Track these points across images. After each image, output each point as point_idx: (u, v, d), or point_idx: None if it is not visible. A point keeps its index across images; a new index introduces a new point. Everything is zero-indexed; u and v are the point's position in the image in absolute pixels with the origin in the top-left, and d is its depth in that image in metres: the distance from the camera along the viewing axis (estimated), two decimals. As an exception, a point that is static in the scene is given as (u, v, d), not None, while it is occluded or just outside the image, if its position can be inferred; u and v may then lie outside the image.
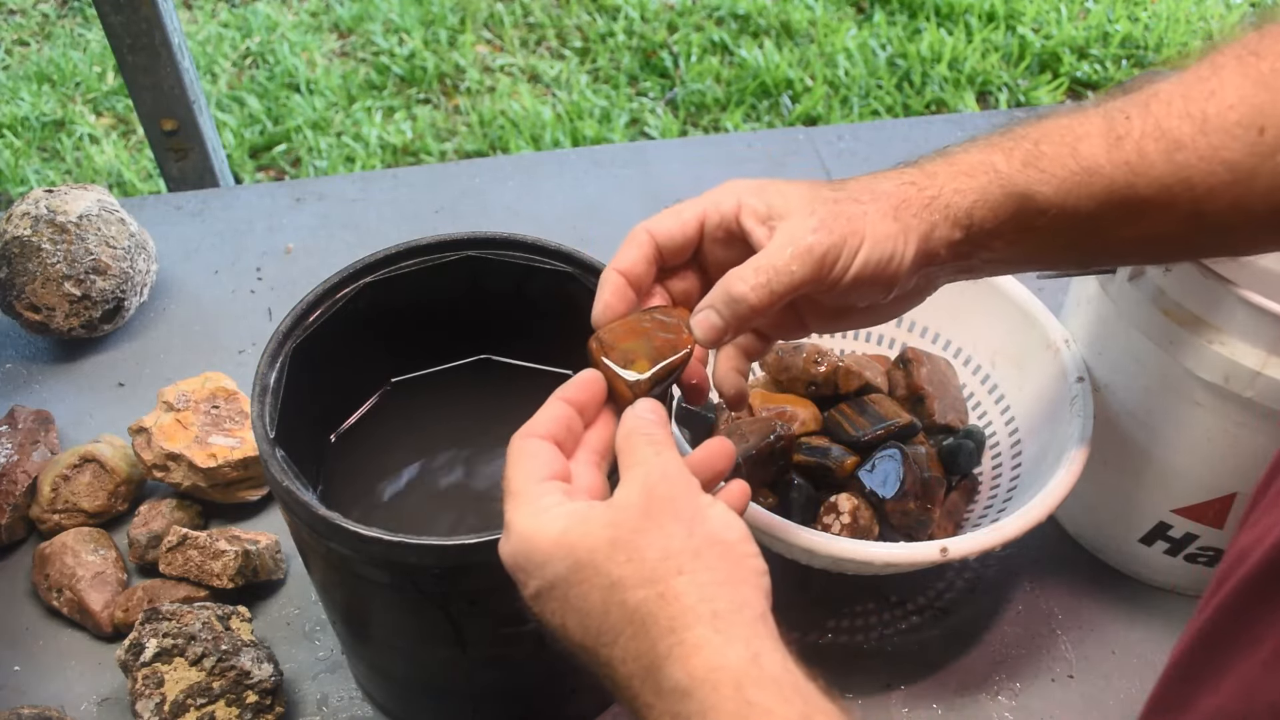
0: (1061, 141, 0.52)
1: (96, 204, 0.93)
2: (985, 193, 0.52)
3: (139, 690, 0.67)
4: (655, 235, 0.53)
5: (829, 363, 0.81)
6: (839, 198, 0.52)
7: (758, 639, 0.41)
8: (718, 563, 0.43)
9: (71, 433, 0.88)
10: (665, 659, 0.40)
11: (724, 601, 0.41)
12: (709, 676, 0.40)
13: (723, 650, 0.40)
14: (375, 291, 0.66)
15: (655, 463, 0.45)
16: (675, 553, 0.42)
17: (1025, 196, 0.52)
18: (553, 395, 0.50)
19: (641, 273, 0.53)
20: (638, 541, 0.43)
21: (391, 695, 0.72)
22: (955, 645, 0.78)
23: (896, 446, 0.76)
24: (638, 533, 0.43)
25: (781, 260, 0.50)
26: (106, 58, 2.00)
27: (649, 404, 0.49)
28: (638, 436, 0.47)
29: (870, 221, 0.51)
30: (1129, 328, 0.70)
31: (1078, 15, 2.13)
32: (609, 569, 0.42)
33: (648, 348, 0.51)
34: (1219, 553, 0.76)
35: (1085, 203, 0.51)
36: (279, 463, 0.56)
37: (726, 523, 0.44)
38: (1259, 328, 0.62)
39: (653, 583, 0.42)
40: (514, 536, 0.45)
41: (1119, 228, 0.53)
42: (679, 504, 0.44)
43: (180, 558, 0.75)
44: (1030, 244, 0.54)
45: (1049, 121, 0.53)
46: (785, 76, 1.95)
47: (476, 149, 1.84)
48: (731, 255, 0.54)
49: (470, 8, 2.12)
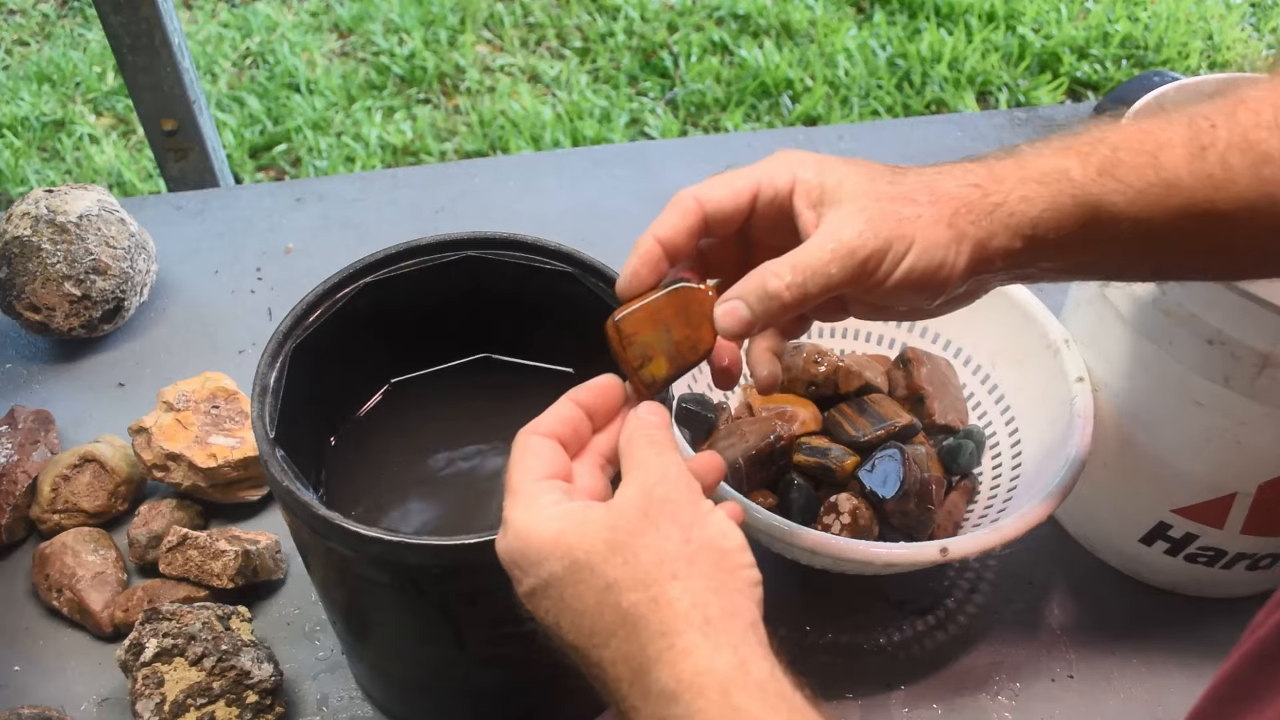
0: (1141, 149, 0.48)
1: (96, 204, 0.93)
2: (1055, 202, 0.48)
3: (139, 690, 0.67)
4: (704, 204, 0.50)
5: (829, 363, 0.81)
6: (895, 195, 0.49)
7: (746, 646, 0.41)
8: (712, 570, 0.43)
9: (71, 433, 0.88)
10: (654, 662, 0.41)
11: (716, 608, 0.41)
12: (696, 680, 0.40)
13: (711, 656, 0.40)
14: (375, 291, 0.66)
15: (655, 464, 0.45)
16: (670, 557, 0.42)
17: (1098, 207, 0.48)
18: (564, 395, 0.50)
19: (681, 244, 0.50)
20: (634, 544, 0.43)
21: (391, 695, 0.72)
22: (955, 645, 0.78)
23: (896, 446, 0.76)
24: (634, 535, 0.43)
25: (821, 261, 0.47)
26: (106, 58, 2.00)
27: (652, 406, 0.49)
28: (640, 438, 0.47)
29: (922, 226, 0.48)
30: (1129, 328, 0.70)
31: (1078, 15, 2.13)
32: (604, 570, 0.42)
33: (667, 343, 0.50)
34: (1219, 553, 0.76)
35: (1160, 215, 0.48)
36: (279, 463, 0.56)
37: (724, 531, 0.44)
38: (1259, 328, 0.62)
39: (646, 586, 0.42)
40: (510, 533, 0.45)
41: (1193, 243, 0.50)
42: (678, 507, 0.44)
43: (180, 558, 0.75)
44: (1093, 255, 0.50)
45: (1129, 126, 0.49)
46: (785, 76, 1.95)
47: (476, 149, 1.84)
48: (778, 233, 0.51)
49: (470, 8, 2.12)
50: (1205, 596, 0.81)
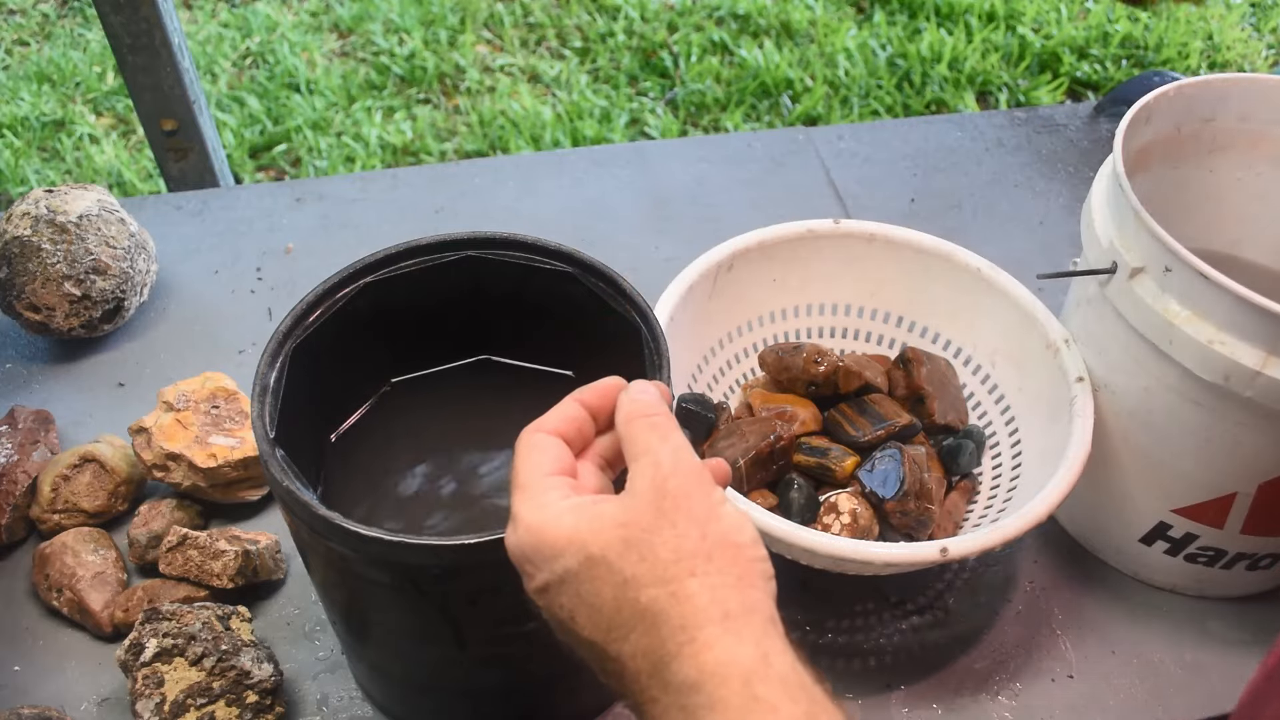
0: None
1: (96, 204, 0.93)
2: None
3: (139, 690, 0.67)
4: None
5: (829, 363, 0.81)
6: None
7: (767, 639, 0.41)
8: (729, 566, 0.43)
9: (71, 433, 0.88)
10: (675, 656, 0.41)
11: (735, 604, 0.42)
12: (718, 671, 0.40)
13: (733, 648, 0.40)
14: (375, 291, 0.66)
15: (664, 451, 0.45)
16: (688, 554, 0.42)
17: None
18: (569, 396, 0.49)
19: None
20: (651, 540, 0.43)
21: (391, 695, 0.72)
22: (955, 645, 0.78)
23: (896, 446, 0.76)
24: (650, 531, 0.43)
25: None
26: (106, 58, 2.00)
27: (643, 385, 0.48)
28: (639, 421, 0.46)
29: None
30: (1129, 328, 0.70)
31: (1078, 15, 2.13)
32: (621, 566, 0.42)
33: None
34: (1219, 553, 0.76)
35: None
36: (279, 463, 0.56)
37: (738, 525, 0.44)
38: (1259, 328, 0.62)
39: (665, 582, 0.42)
40: (521, 528, 0.45)
41: None
42: (693, 502, 0.44)
43: (180, 558, 0.75)
44: None
45: None
46: (785, 76, 1.95)
47: (476, 149, 1.85)
48: None
49: (470, 8, 2.12)
50: (1205, 596, 0.81)
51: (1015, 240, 1.07)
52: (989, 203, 1.12)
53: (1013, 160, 1.17)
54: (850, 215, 1.10)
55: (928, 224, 0.89)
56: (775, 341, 0.88)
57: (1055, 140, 1.20)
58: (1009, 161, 1.17)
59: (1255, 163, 0.81)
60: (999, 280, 0.82)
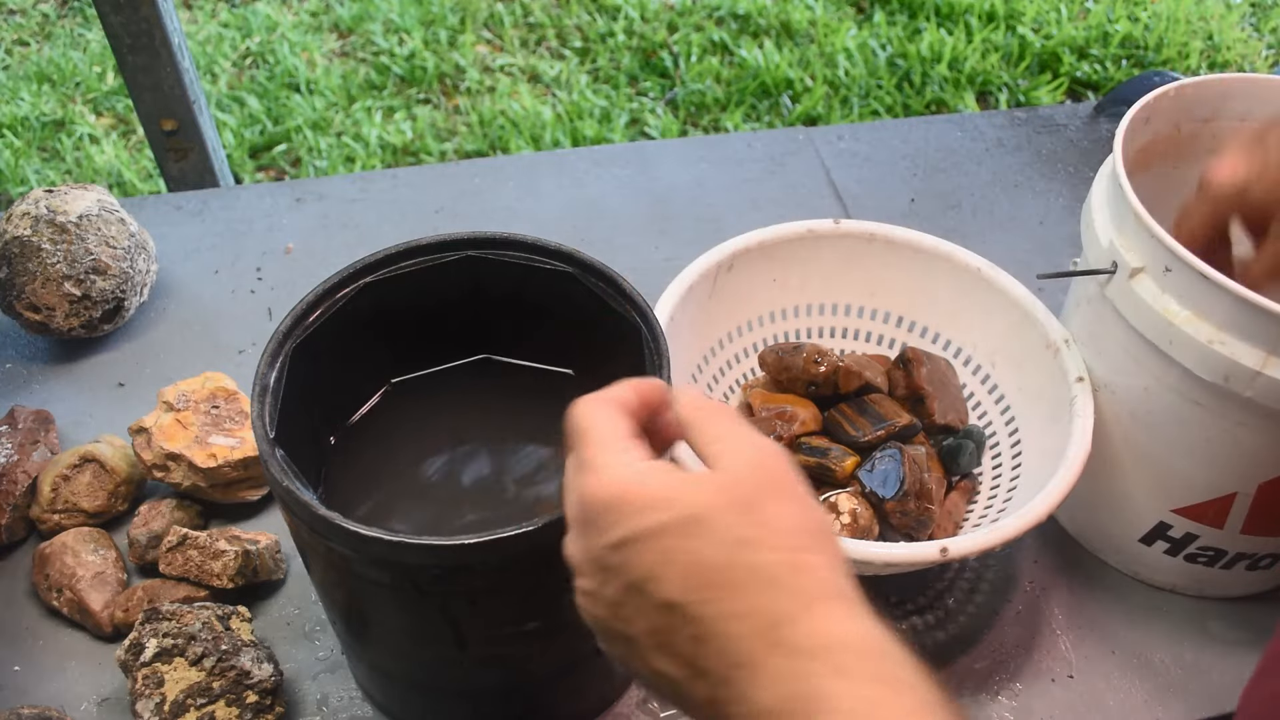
0: None
1: (96, 204, 0.93)
2: None
3: (139, 690, 0.67)
4: None
5: (829, 363, 0.81)
6: None
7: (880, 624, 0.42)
8: (835, 551, 0.44)
9: (71, 433, 0.88)
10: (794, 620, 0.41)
11: (846, 586, 0.43)
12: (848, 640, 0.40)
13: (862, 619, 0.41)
14: (375, 291, 0.66)
15: (752, 434, 0.46)
16: (801, 530, 0.43)
17: None
18: (623, 381, 0.50)
19: None
20: (766, 508, 0.43)
21: (391, 695, 0.72)
22: (955, 645, 0.78)
23: (896, 446, 0.76)
24: (758, 502, 0.43)
25: None
26: (106, 58, 2.00)
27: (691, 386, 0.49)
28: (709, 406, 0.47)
29: None
30: (1129, 328, 0.70)
31: (1078, 15, 2.13)
32: (733, 527, 0.42)
33: None
34: (1219, 553, 0.76)
35: None
36: (279, 463, 0.56)
37: (827, 514, 0.45)
38: (1259, 328, 0.62)
39: (785, 550, 0.42)
40: (606, 479, 0.44)
41: None
42: (793, 484, 0.45)
43: (180, 558, 0.75)
44: None
45: None
46: (785, 76, 1.95)
47: (476, 149, 1.85)
48: None
49: (470, 8, 2.12)
50: (1205, 596, 0.81)
51: (1015, 240, 1.07)
52: (989, 203, 1.12)
53: (1013, 160, 1.17)
54: (850, 215, 1.10)
55: (928, 224, 0.89)
56: (775, 341, 0.88)
57: (1055, 140, 1.20)
58: (1009, 161, 1.17)
59: (1255, 163, 0.81)
60: (999, 280, 0.82)
